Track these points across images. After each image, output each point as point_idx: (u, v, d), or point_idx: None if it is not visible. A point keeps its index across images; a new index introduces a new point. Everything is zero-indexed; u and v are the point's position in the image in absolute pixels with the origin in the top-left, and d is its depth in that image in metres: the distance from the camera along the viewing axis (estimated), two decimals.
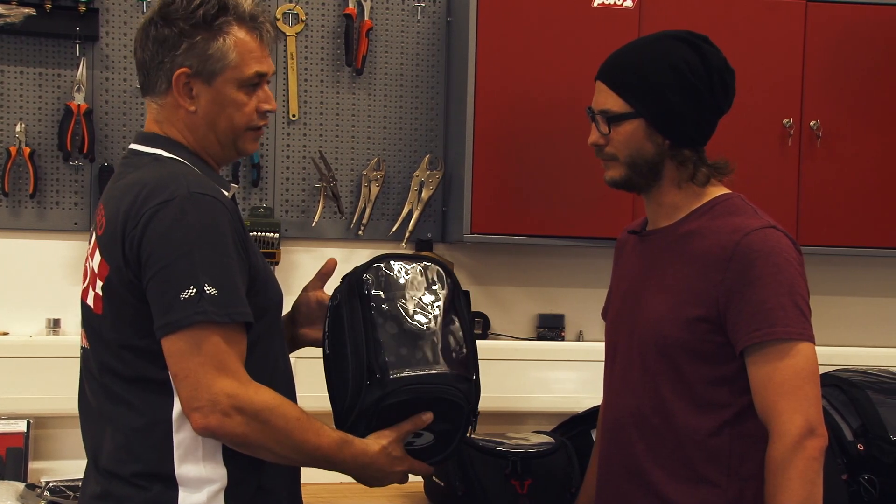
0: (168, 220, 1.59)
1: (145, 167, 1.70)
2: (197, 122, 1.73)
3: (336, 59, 2.92)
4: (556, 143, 2.76)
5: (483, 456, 2.54)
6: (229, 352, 1.59)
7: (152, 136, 1.75)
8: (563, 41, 2.75)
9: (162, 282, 1.58)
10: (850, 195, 2.86)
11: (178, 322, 1.56)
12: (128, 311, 1.64)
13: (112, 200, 1.68)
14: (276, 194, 2.90)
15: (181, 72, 1.70)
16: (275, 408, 1.61)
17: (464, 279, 3.02)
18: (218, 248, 1.60)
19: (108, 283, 1.65)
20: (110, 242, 1.64)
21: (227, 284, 1.59)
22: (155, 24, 1.71)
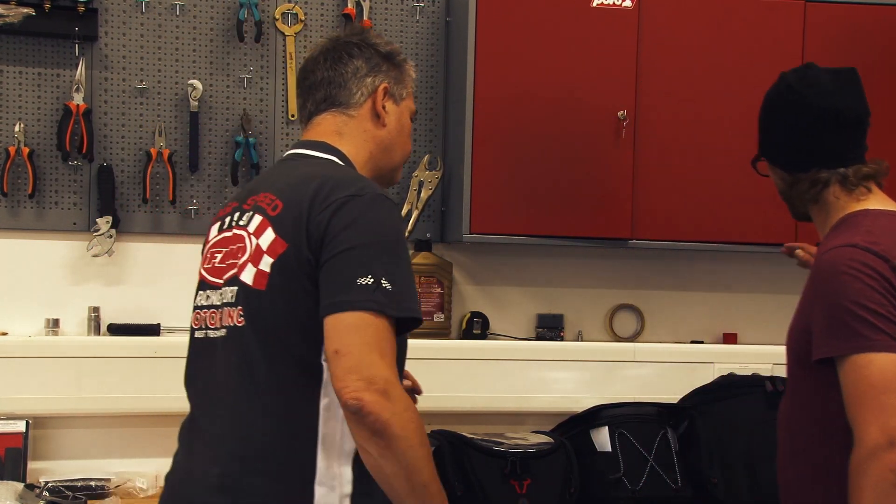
0: (357, 210, 1.66)
1: (322, 166, 1.80)
2: (382, 139, 1.88)
3: None
4: (555, 143, 2.76)
5: (482, 456, 2.54)
6: (391, 343, 1.62)
7: (326, 146, 1.85)
8: (562, 41, 2.75)
9: (341, 263, 1.64)
10: None
11: (350, 303, 1.61)
12: (296, 290, 1.67)
13: (287, 187, 1.75)
14: None
15: (385, 86, 1.87)
16: (418, 422, 1.62)
17: (463, 279, 3.02)
18: (397, 246, 1.68)
19: (281, 260, 1.69)
20: (291, 222, 1.69)
21: (400, 281, 1.64)
22: (356, 45, 1.89)
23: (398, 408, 1.58)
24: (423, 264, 2.94)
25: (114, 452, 2.76)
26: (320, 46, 1.92)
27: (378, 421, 1.57)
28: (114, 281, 2.82)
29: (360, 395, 1.57)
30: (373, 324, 1.60)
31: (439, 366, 2.89)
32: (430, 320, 2.93)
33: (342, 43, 1.90)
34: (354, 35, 1.92)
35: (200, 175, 2.85)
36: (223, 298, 1.76)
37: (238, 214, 1.81)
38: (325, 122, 1.87)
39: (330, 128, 1.87)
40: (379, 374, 1.58)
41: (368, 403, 1.57)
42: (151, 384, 2.72)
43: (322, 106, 1.88)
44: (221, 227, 1.85)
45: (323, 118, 1.88)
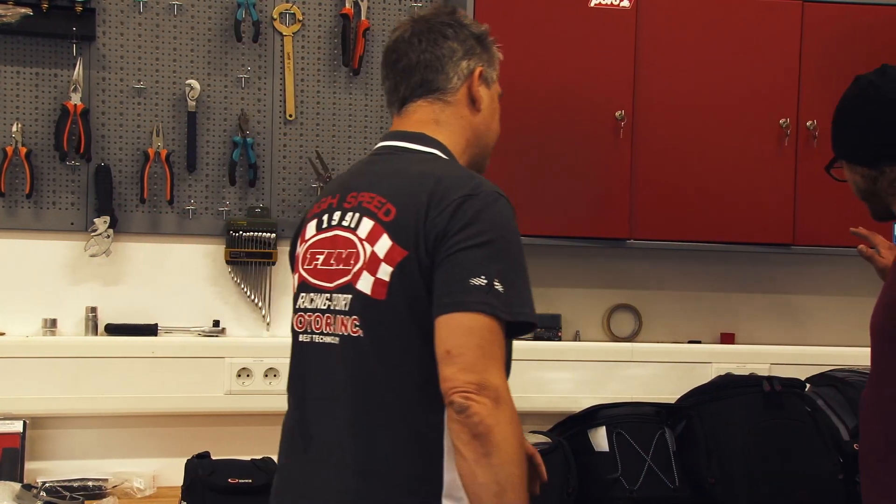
0: (473, 209, 1.62)
1: (428, 162, 1.74)
2: (478, 125, 1.83)
3: (333, 59, 2.92)
4: (552, 143, 2.75)
5: None
6: (502, 348, 1.60)
7: (425, 138, 1.79)
8: (560, 41, 2.75)
9: (455, 263, 1.60)
10: (847, 195, 2.85)
11: (464, 304, 1.57)
12: (418, 298, 1.63)
13: (393, 188, 1.70)
14: (273, 194, 2.89)
15: (480, 70, 1.82)
16: (520, 430, 1.59)
17: None
18: (513, 247, 1.64)
19: (400, 268, 1.64)
20: (408, 229, 1.65)
21: (515, 283, 1.61)
22: (451, 26, 1.82)
23: (504, 417, 1.55)
24: None
25: (111, 453, 2.76)
26: (409, 26, 1.84)
27: (482, 424, 1.53)
28: (111, 281, 2.82)
29: (469, 396, 1.54)
30: (486, 326, 1.57)
31: None
32: None
33: (436, 23, 1.82)
34: (446, 14, 1.84)
35: (198, 175, 2.85)
36: (334, 305, 1.71)
37: (339, 214, 1.75)
38: (422, 110, 1.81)
39: (427, 116, 1.80)
40: (491, 381, 1.55)
41: (476, 405, 1.54)
42: (149, 384, 2.72)
43: (418, 91, 1.81)
44: (319, 225, 1.79)
45: (419, 105, 1.81)
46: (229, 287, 2.87)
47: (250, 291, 2.87)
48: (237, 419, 2.83)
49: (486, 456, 1.54)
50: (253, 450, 2.71)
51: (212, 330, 2.84)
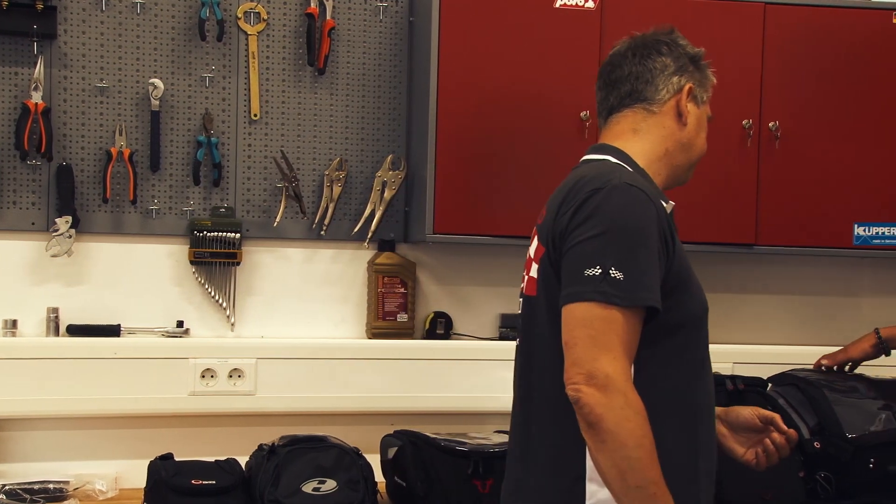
0: (594, 203, 1.69)
1: (588, 167, 1.83)
2: (681, 138, 1.90)
3: (298, 59, 2.91)
4: (519, 144, 2.76)
5: (445, 456, 2.54)
6: (620, 335, 1.63)
7: (608, 149, 1.88)
8: (525, 42, 2.76)
9: (573, 256, 1.68)
10: (808, 195, 2.89)
11: (578, 294, 1.64)
12: (552, 290, 1.73)
13: (553, 196, 1.84)
14: (238, 194, 2.88)
15: (690, 86, 1.90)
16: (640, 412, 1.61)
17: (426, 279, 3.02)
18: (634, 234, 1.67)
19: (542, 265, 1.78)
20: (546, 228, 1.78)
21: (634, 270, 1.65)
22: (666, 44, 1.92)
23: (615, 403, 1.59)
24: (387, 264, 2.93)
25: (73, 454, 2.73)
26: (627, 42, 1.95)
27: (592, 414, 1.59)
28: (73, 281, 2.79)
29: (578, 388, 1.61)
30: (599, 315, 1.62)
31: (403, 366, 2.89)
32: (394, 320, 2.93)
33: (651, 40, 1.93)
34: (663, 34, 1.95)
35: (162, 175, 2.83)
36: None
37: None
38: (624, 121, 1.90)
39: (627, 126, 1.90)
40: (600, 369, 1.60)
41: (585, 395, 1.60)
42: (111, 385, 2.70)
43: (626, 101, 1.90)
44: (532, 239, 1.92)
45: (623, 116, 1.91)
46: (193, 287, 2.85)
47: (214, 292, 2.85)
48: (201, 420, 2.81)
49: (602, 443, 1.60)
50: (217, 451, 2.69)
51: (175, 330, 2.82)
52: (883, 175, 2.90)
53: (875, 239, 2.89)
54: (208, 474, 2.47)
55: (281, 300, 2.93)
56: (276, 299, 2.92)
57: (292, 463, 2.47)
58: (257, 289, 2.92)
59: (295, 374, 2.83)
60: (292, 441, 2.53)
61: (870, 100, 2.90)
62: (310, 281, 2.95)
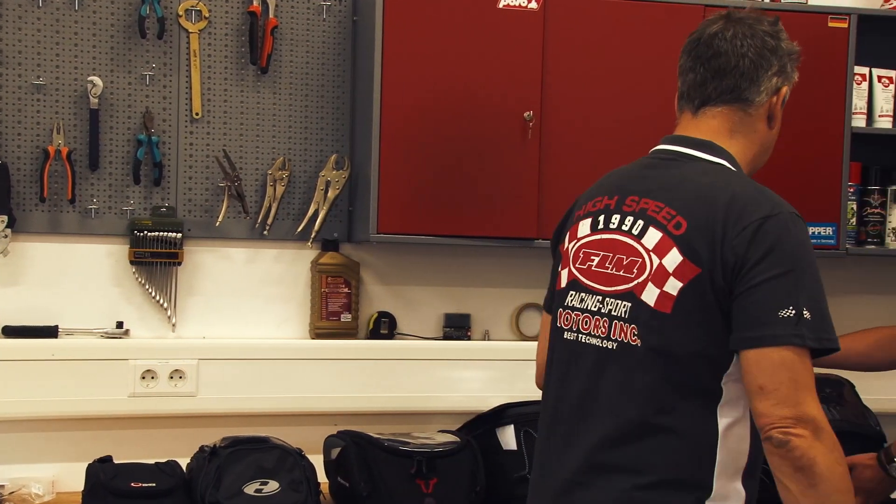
0: (774, 233, 1.62)
1: (716, 174, 1.73)
2: (767, 141, 1.84)
3: (240, 57, 2.89)
4: (462, 143, 2.76)
5: (388, 456, 2.54)
6: (813, 376, 1.60)
7: (712, 146, 1.78)
8: (469, 42, 2.76)
9: (762, 294, 1.60)
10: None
11: (774, 338, 1.58)
12: (706, 317, 1.64)
13: (682, 199, 1.69)
14: (179, 193, 2.85)
15: (786, 89, 1.81)
16: (842, 456, 1.60)
17: (370, 279, 3.01)
18: (813, 271, 1.63)
19: (692, 285, 1.64)
20: (702, 246, 1.64)
21: (820, 309, 1.61)
22: (773, 38, 1.79)
23: (825, 446, 1.57)
24: (331, 264, 2.92)
25: (8, 458, 2.68)
26: (727, 24, 1.80)
27: (805, 457, 1.56)
28: (9, 282, 2.74)
29: (788, 431, 1.56)
30: (798, 359, 1.58)
31: (346, 366, 2.88)
32: (338, 320, 2.92)
33: (759, 31, 1.79)
34: (769, 24, 1.81)
35: (101, 174, 2.79)
36: (610, 310, 1.73)
37: (618, 217, 1.76)
38: (722, 117, 1.80)
39: (724, 125, 1.80)
40: (810, 413, 1.57)
41: (797, 439, 1.56)
42: (49, 387, 2.66)
43: (725, 97, 1.79)
44: (595, 225, 1.79)
45: (718, 112, 1.80)
46: (133, 288, 2.82)
47: (155, 292, 2.82)
48: (141, 422, 2.77)
49: (813, 487, 1.57)
50: (157, 453, 2.66)
51: (115, 331, 2.78)
52: (818, 175, 2.95)
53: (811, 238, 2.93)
54: (148, 477, 2.45)
55: (223, 300, 2.90)
56: (219, 299, 2.90)
57: (234, 464, 2.45)
58: (199, 289, 2.89)
59: (237, 375, 2.80)
60: (234, 442, 2.51)
61: (805, 100, 2.94)
62: (252, 281, 2.93)
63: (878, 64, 3.10)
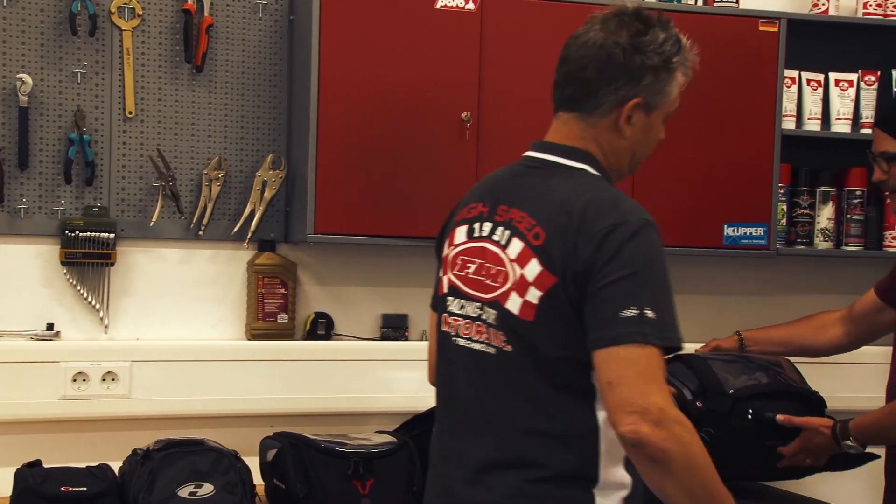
0: (620, 239, 1.65)
1: (577, 182, 1.77)
2: (623, 147, 1.82)
3: (175, 56, 2.85)
4: (400, 144, 2.76)
5: (325, 457, 2.53)
6: (661, 370, 1.64)
7: (574, 151, 1.81)
8: (406, 42, 2.76)
9: (606, 296, 1.64)
10: (682, 197, 2.97)
11: (618, 338, 1.63)
12: (565, 322, 1.69)
13: (543, 210, 1.74)
14: (112, 193, 2.81)
15: (636, 102, 1.78)
16: (694, 435, 1.64)
17: (307, 279, 3.00)
18: (659, 272, 1.67)
19: (550, 294, 1.69)
20: (557, 256, 1.69)
21: (664, 308, 1.65)
22: (624, 50, 1.76)
23: (675, 433, 1.61)
24: (267, 265, 2.90)
25: None
26: (595, 29, 1.79)
27: (657, 451, 1.60)
28: None
29: (636, 428, 1.60)
30: (644, 354, 1.62)
31: (283, 367, 2.86)
32: (274, 321, 2.90)
33: (612, 42, 1.76)
34: (630, 34, 1.77)
35: (31, 173, 2.74)
36: (485, 317, 1.78)
37: (490, 226, 1.81)
38: (570, 124, 1.83)
39: (574, 132, 1.82)
40: (653, 403, 1.61)
41: (645, 435, 1.60)
42: None
43: (567, 104, 1.82)
44: (471, 233, 1.84)
45: (568, 118, 1.83)
46: (64, 289, 2.77)
47: (87, 293, 2.77)
48: (72, 425, 2.73)
49: (670, 474, 1.62)
50: (89, 456, 2.61)
51: (45, 333, 2.73)
52: (750, 177, 3.01)
53: (743, 239, 2.99)
54: (79, 481, 2.41)
55: (157, 301, 2.87)
56: (153, 300, 2.86)
57: (168, 467, 2.42)
58: (132, 290, 2.85)
59: (172, 377, 2.77)
60: (168, 445, 2.48)
61: (737, 103, 3.00)
62: (187, 282, 2.90)
63: (807, 67, 3.17)
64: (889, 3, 3.22)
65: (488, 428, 1.78)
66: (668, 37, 1.80)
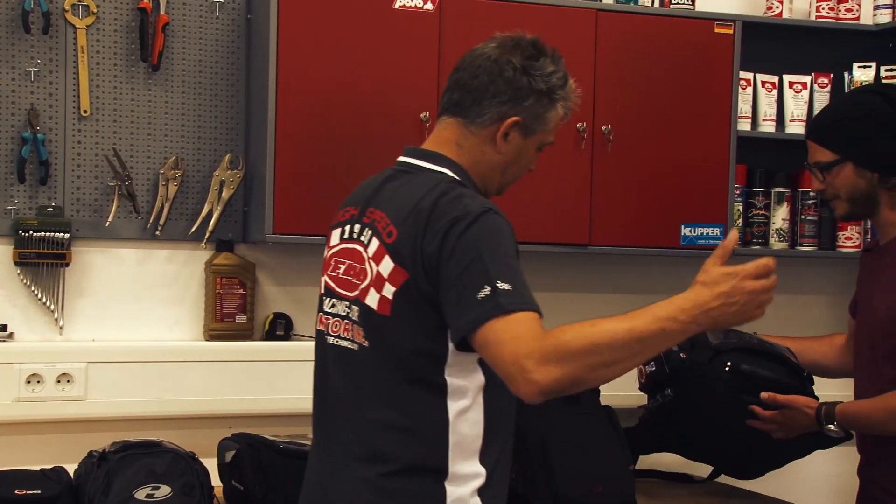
0: (459, 232, 1.73)
1: (433, 184, 1.83)
2: (495, 162, 1.90)
3: (130, 55, 2.83)
4: (359, 144, 2.76)
5: (284, 458, 2.52)
6: (525, 325, 1.66)
7: (439, 157, 1.89)
8: (365, 42, 2.76)
9: (460, 286, 1.71)
10: (639, 197, 3.00)
11: (479, 319, 1.68)
12: (419, 316, 1.76)
13: (398, 209, 1.82)
14: (67, 193, 2.78)
15: (515, 120, 1.87)
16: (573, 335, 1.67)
17: (266, 280, 2.98)
18: (505, 250, 1.74)
19: (403, 290, 1.77)
20: (408, 253, 1.77)
21: (516, 279, 1.70)
22: (514, 69, 1.87)
23: (560, 356, 1.63)
24: (225, 265, 2.88)
25: None
26: (492, 47, 1.90)
27: (560, 384, 1.64)
28: None
29: (530, 390, 1.65)
30: (502, 326, 1.67)
31: (242, 368, 2.85)
32: (232, 322, 2.88)
33: (505, 59, 1.88)
34: (523, 56, 1.89)
35: None
36: (351, 314, 1.86)
37: (359, 228, 1.89)
38: (449, 129, 1.91)
39: (451, 136, 1.90)
40: (526, 357, 1.64)
41: (545, 385, 1.63)
42: None
43: (452, 109, 1.91)
44: (342, 234, 1.93)
45: (449, 123, 1.92)
46: (18, 289, 2.74)
47: (42, 294, 2.74)
48: (26, 427, 2.70)
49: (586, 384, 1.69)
50: (44, 459, 2.59)
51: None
52: (706, 178, 3.04)
53: (700, 239, 3.02)
54: (33, 483, 2.38)
55: (113, 302, 2.84)
56: (109, 301, 2.84)
57: (124, 469, 2.40)
58: (88, 290, 2.82)
59: (128, 378, 2.75)
60: (125, 447, 2.46)
61: (693, 105, 3.03)
62: (144, 282, 2.87)
63: (762, 69, 3.21)
64: (841, 7, 3.27)
65: (348, 422, 1.86)
66: (557, 70, 1.91)
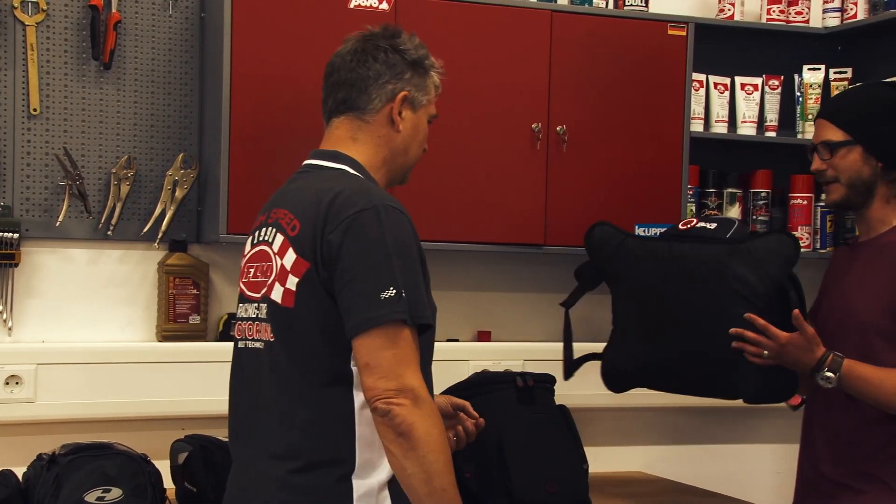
0: (367, 225, 1.77)
1: (334, 179, 1.89)
2: (397, 144, 1.97)
3: (81, 52, 2.79)
4: (312, 143, 2.71)
5: None
6: (415, 351, 1.76)
7: (338, 155, 1.95)
8: (319, 41, 2.74)
9: (362, 281, 1.75)
10: (593, 197, 3.01)
11: (378, 318, 1.73)
12: (321, 306, 1.79)
13: (300, 204, 1.86)
14: (16, 192, 2.74)
15: (404, 94, 1.95)
16: (439, 421, 1.77)
17: (220, 280, 2.96)
18: (409, 255, 1.80)
19: (306, 280, 1.81)
20: (309, 243, 1.81)
21: (415, 289, 1.78)
22: (384, 50, 1.96)
23: (424, 412, 1.73)
24: (179, 265, 2.86)
25: None
26: (352, 43, 1.99)
27: (404, 423, 1.71)
28: None
29: (391, 401, 1.72)
30: (398, 334, 1.74)
31: (195, 369, 2.83)
32: (186, 323, 2.86)
33: (371, 45, 1.97)
34: (385, 38, 1.99)
35: None
36: (259, 313, 1.89)
37: (264, 230, 1.93)
38: (342, 127, 1.98)
39: (345, 133, 1.97)
40: (410, 384, 1.73)
41: (397, 408, 1.71)
42: None
43: (341, 108, 1.97)
44: (253, 241, 1.97)
45: (340, 122, 1.98)
46: None
47: None
48: None
49: (412, 450, 1.72)
50: None
51: None
52: (659, 178, 3.06)
53: None
54: None
55: (64, 303, 2.81)
56: (59, 302, 2.80)
57: (74, 472, 2.37)
58: (38, 291, 2.78)
59: (79, 380, 2.71)
60: (75, 449, 2.43)
61: (647, 106, 3.05)
62: (96, 282, 2.84)
63: (714, 71, 3.25)
64: (791, 10, 3.31)
65: (258, 422, 1.89)
66: (419, 43, 2.02)
